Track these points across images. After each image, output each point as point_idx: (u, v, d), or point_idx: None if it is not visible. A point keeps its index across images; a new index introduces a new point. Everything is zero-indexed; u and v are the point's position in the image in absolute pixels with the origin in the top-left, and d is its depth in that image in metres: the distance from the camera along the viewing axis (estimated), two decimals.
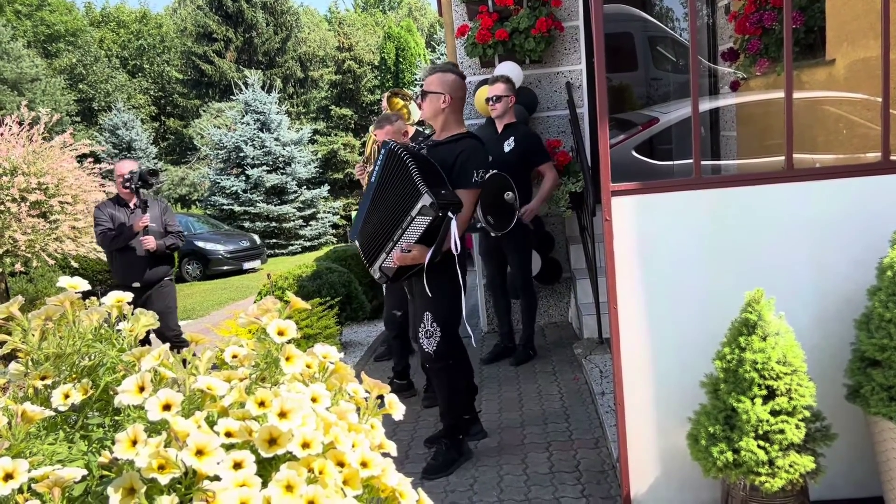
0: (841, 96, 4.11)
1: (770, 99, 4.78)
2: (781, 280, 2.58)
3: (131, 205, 4.94)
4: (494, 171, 4.53)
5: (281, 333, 1.22)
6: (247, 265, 15.09)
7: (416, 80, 20.78)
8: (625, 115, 6.47)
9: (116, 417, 1.26)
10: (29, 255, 6.45)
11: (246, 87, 21.09)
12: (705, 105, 5.97)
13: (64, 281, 1.29)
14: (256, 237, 16.59)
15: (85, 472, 1.06)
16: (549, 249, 5.66)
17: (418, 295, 3.30)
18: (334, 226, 22.08)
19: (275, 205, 19.87)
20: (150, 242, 4.81)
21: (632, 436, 2.74)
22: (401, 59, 25.88)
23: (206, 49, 27.05)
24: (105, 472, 1.09)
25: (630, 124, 6.08)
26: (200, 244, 14.62)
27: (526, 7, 5.35)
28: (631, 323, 2.68)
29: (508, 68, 5.37)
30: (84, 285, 1.32)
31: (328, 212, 21.75)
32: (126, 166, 4.91)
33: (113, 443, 1.19)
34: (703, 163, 2.67)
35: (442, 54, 20.26)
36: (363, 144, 25.37)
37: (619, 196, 2.58)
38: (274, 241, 19.60)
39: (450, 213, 3.03)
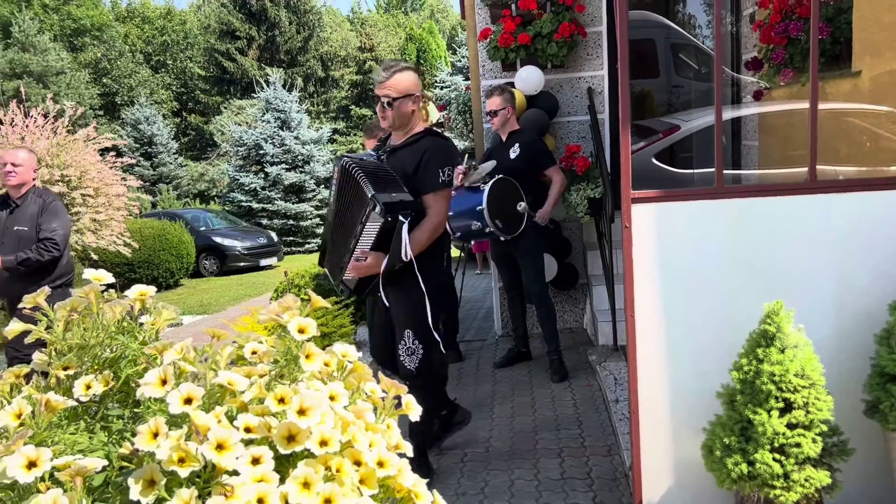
0: (866, 108, 4.08)
1: (793, 109, 4.74)
2: (801, 292, 2.56)
3: (12, 203, 4.23)
4: (500, 175, 4.54)
5: (302, 331, 1.23)
6: (263, 262, 15.17)
7: (436, 81, 20.78)
8: (646, 121, 6.44)
9: (136, 409, 1.27)
10: None
11: (267, 86, 21.21)
12: (727, 114, 5.94)
13: (89, 273, 1.31)
14: (273, 234, 16.67)
15: (105, 462, 1.07)
16: (565, 255, 5.65)
17: (396, 310, 3.12)
18: None
19: (293, 203, 19.96)
20: None
21: (646, 444, 2.73)
22: (422, 61, 25.94)
23: (229, 46, 27.26)
24: (125, 463, 1.10)
25: (651, 131, 6.06)
26: (218, 240, 14.72)
27: (549, 12, 5.35)
28: (648, 331, 2.67)
29: (530, 73, 5.37)
30: (109, 278, 1.33)
31: None
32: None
33: (133, 434, 1.21)
34: (724, 172, 2.66)
35: (463, 56, 20.27)
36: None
37: (640, 203, 2.57)
38: (290, 238, 19.68)
39: (400, 217, 2.85)
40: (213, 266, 14.67)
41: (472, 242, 6.41)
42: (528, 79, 5.33)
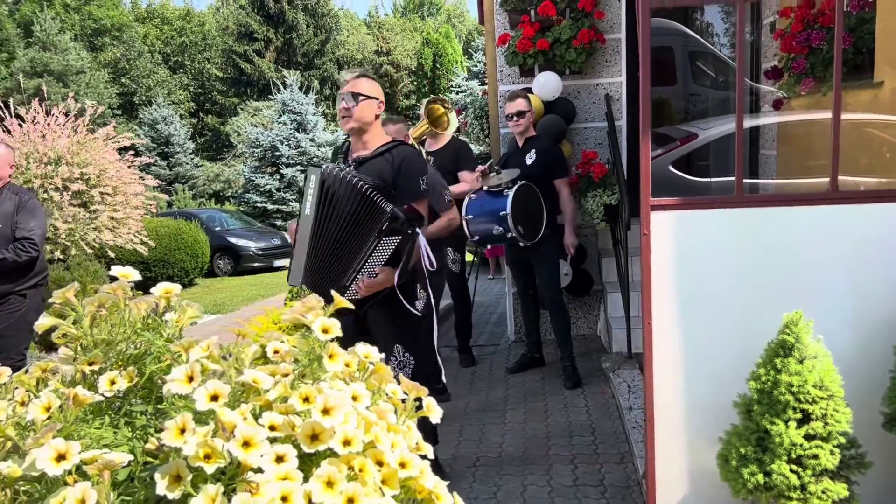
0: (887, 119, 4.05)
1: (814, 119, 4.72)
2: (820, 302, 2.54)
3: None
4: (522, 181, 4.55)
5: (325, 331, 1.23)
6: (277, 263, 15.22)
7: (451, 86, 20.82)
8: (663, 129, 6.43)
9: (159, 406, 1.28)
10: (68, 244, 6.58)
11: (284, 88, 21.33)
12: (746, 122, 5.91)
13: (116, 270, 1.33)
14: (287, 235, 16.74)
15: (131, 457, 1.08)
16: (580, 261, 5.64)
17: (380, 325, 3.00)
18: None
19: None
20: None
21: (660, 453, 2.72)
22: (438, 66, 25.99)
23: (247, 48, 27.43)
24: (149, 458, 1.11)
25: (668, 139, 6.04)
26: (232, 240, 14.79)
27: (568, 18, 5.35)
28: (664, 339, 2.66)
29: (548, 78, 5.37)
30: (135, 275, 1.35)
31: None
32: None
33: (156, 430, 1.22)
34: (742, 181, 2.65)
35: (479, 61, 20.26)
36: None
37: (659, 211, 2.57)
38: None
39: (417, 229, 2.80)
40: (227, 266, 14.74)
41: (488, 247, 6.41)
42: (546, 84, 5.33)
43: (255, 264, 14.85)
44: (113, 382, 1.24)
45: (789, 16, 4.35)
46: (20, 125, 6.82)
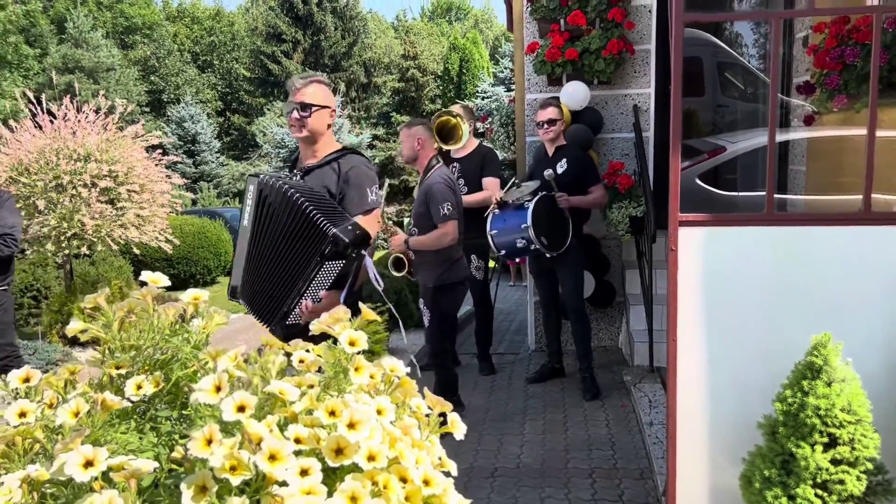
0: None
1: (845, 136, 4.65)
2: (850, 325, 2.50)
3: None
4: (544, 192, 4.54)
5: (352, 343, 1.23)
6: None
7: (477, 91, 20.83)
8: (690, 141, 6.37)
9: (184, 411, 1.29)
10: (94, 240, 6.65)
11: None
12: (777, 137, 5.84)
13: (146, 275, 1.33)
14: None
15: (157, 464, 1.09)
16: (603, 272, 5.60)
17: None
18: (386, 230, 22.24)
19: None
20: None
21: (681, 470, 2.69)
22: (464, 71, 26.03)
23: (275, 49, 27.64)
24: (173, 466, 1.11)
25: (695, 151, 5.99)
26: None
27: (598, 28, 5.33)
28: (689, 355, 2.63)
29: (576, 88, 5.35)
30: (164, 281, 1.36)
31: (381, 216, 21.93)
32: None
33: (181, 436, 1.22)
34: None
35: (506, 67, 20.31)
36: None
37: (688, 227, 2.54)
38: None
39: (364, 252, 2.60)
40: None
41: (517, 260, 6.42)
42: (574, 94, 5.31)
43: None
44: (139, 387, 1.25)
45: (823, 31, 4.30)
46: (51, 121, 6.91)
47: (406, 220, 17.97)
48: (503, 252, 4.65)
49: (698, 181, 5.72)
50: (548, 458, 3.75)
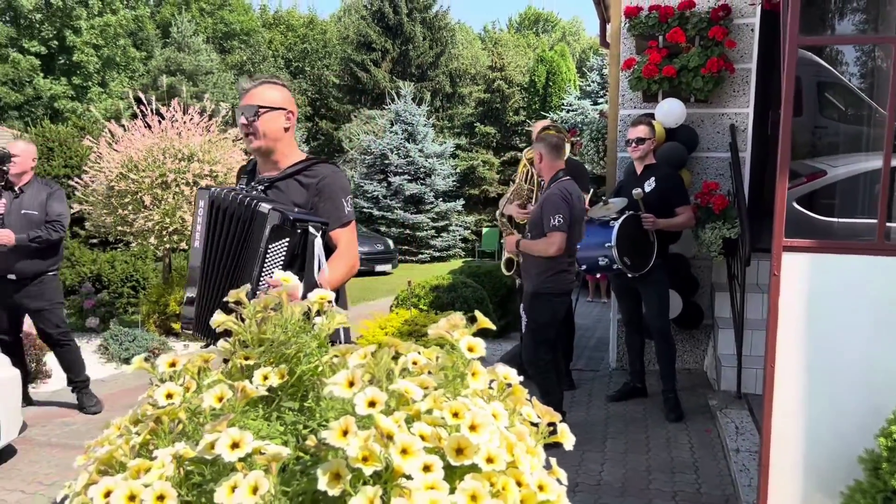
0: None
1: None
2: None
3: (17, 189, 4.71)
4: (630, 212, 4.51)
5: (471, 349, 1.28)
6: (378, 267, 15.60)
7: (563, 104, 20.74)
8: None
9: (304, 404, 1.37)
10: None
11: (398, 98, 21.85)
12: (877, 162, 5.61)
13: (279, 274, 1.42)
14: (391, 242, 17.14)
15: (288, 451, 1.16)
16: (691, 293, 5.50)
17: None
18: (464, 240, 22.38)
19: (411, 213, 20.41)
20: (3, 237, 4.44)
21: (773, 500, 2.63)
22: (550, 83, 25.93)
23: (364, 57, 28.22)
24: (301, 454, 1.19)
25: (793, 174, 5.81)
26: None
27: (698, 46, 5.26)
28: (787, 384, 2.58)
29: (671, 105, 5.29)
30: (294, 280, 1.45)
31: (460, 225, 22.08)
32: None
33: (304, 427, 1.30)
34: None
35: (593, 81, 20.14)
36: (507, 165, 25.51)
37: (792, 252, 2.50)
38: (405, 247, 20.11)
39: (311, 230, 2.31)
40: None
41: (598, 276, 6.39)
42: (670, 111, 5.26)
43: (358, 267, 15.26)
44: (266, 378, 1.34)
45: None
46: (159, 121, 7.31)
47: (485, 230, 18.03)
48: (584, 267, 4.64)
49: (795, 205, 5.55)
50: (629, 477, 3.72)
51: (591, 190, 5.50)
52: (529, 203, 5.02)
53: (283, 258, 2.29)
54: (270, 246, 2.26)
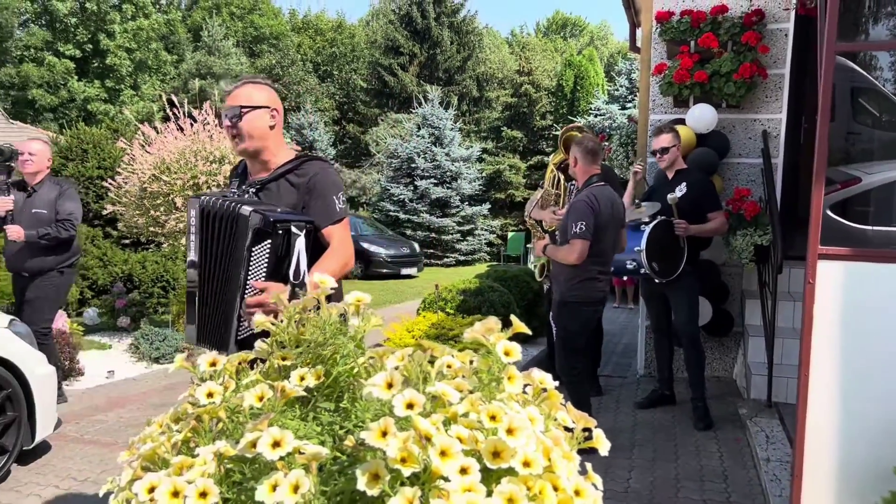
0: None
1: None
2: None
3: (30, 188, 4.83)
4: (662, 217, 4.48)
5: (507, 353, 1.29)
6: (404, 270, 15.66)
7: (590, 108, 20.65)
8: None
9: (340, 404, 1.38)
10: None
11: (425, 102, 21.93)
12: None
13: (317, 277, 1.44)
14: (416, 245, 17.20)
15: (327, 450, 1.18)
16: (722, 300, 5.45)
17: None
18: (489, 244, 22.38)
19: (437, 217, 20.45)
20: (13, 233, 4.57)
21: None
22: (578, 88, 25.84)
23: (392, 61, 28.36)
24: (338, 454, 1.21)
25: (827, 181, 5.73)
26: (365, 245, 15.34)
27: (730, 51, 5.22)
28: (822, 393, 2.55)
29: (703, 111, 5.25)
30: (331, 282, 1.46)
31: (485, 229, 22.09)
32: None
33: (340, 427, 1.32)
34: None
35: (621, 85, 20.05)
36: (533, 169, 25.46)
37: (828, 260, 2.47)
38: (431, 251, 20.15)
39: (294, 230, 2.26)
40: (357, 269, 15.29)
41: (625, 278, 6.37)
42: (701, 117, 5.22)
43: (384, 270, 15.33)
44: (302, 378, 1.35)
45: None
46: (191, 124, 7.41)
47: (510, 234, 18.04)
48: (612, 269, 4.61)
49: (829, 212, 5.47)
50: (658, 485, 3.69)
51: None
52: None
53: (266, 260, 2.25)
54: (254, 249, 2.22)
